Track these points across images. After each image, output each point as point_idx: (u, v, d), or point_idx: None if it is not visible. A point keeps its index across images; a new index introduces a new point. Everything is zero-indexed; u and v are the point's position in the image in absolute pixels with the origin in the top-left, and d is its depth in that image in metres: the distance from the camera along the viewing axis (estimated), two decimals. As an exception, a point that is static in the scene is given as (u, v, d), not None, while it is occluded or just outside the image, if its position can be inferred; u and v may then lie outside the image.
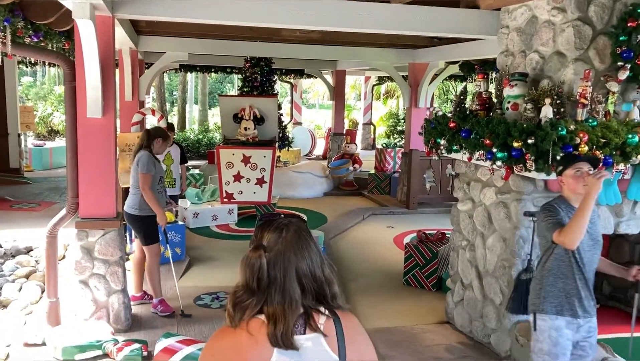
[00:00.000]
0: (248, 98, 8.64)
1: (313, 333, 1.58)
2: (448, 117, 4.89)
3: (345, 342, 1.60)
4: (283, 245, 1.60)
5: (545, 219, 3.18)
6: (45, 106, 22.36)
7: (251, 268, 1.58)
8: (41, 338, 4.46)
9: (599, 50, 4.24)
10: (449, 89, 21.01)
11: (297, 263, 1.59)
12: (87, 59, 4.33)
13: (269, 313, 1.55)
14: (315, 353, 1.56)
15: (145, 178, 5.08)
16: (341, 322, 1.62)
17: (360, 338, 1.66)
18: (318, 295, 1.62)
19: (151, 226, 5.26)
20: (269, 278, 1.57)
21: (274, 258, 1.58)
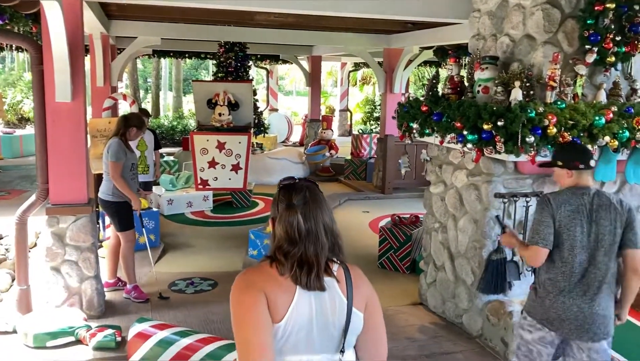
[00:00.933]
0: (222, 83, 8.56)
1: (328, 277, 1.83)
2: (420, 101, 4.92)
3: (352, 287, 1.85)
4: (311, 202, 1.85)
5: (535, 215, 3.06)
6: (15, 93, 21.84)
7: (290, 224, 1.81)
8: (12, 325, 4.40)
9: (567, 34, 4.31)
10: (424, 76, 21.10)
11: (323, 217, 1.85)
12: (54, 42, 4.24)
13: (304, 259, 1.79)
14: (329, 294, 1.82)
15: (115, 166, 5.03)
16: (349, 270, 1.88)
17: (364, 285, 1.91)
18: (332, 247, 1.87)
19: (125, 212, 5.22)
20: (306, 229, 1.81)
21: (306, 214, 1.83)
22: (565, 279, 2.95)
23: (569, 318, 2.94)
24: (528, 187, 4.48)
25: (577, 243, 2.91)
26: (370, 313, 1.88)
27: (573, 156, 3.08)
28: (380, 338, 1.91)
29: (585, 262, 2.92)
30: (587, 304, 2.92)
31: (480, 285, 4.48)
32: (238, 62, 10.85)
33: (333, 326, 1.82)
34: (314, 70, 14.60)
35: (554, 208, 2.94)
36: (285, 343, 1.78)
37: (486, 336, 4.53)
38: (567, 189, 3.03)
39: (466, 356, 4.38)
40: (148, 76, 28.91)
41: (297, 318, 1.77)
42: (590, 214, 2.93)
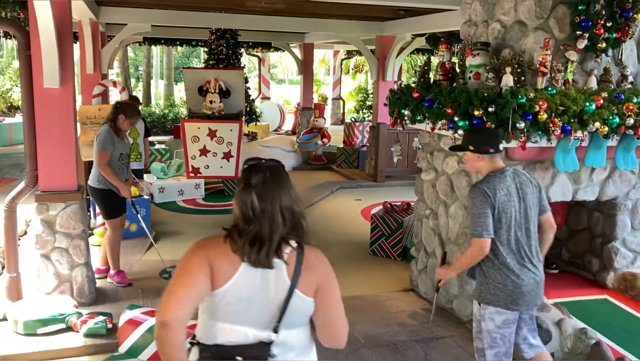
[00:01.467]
0: (213, 70, 8.47)
1: (278, 259, 1.87)
2: (412, 87, 4.91)
3: (301, 271, 1.88)
4: (269, 183, 1.88)
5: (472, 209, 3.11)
6: (4, 81, 21.61)
7: (245, 203, 1.87)
8: (2, 313, 4.38)
9: (558, 20, 4.30)
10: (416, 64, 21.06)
11: (281, 197, 1.88)
12: (42, 27, 4.19)
13: (257, 237, 1.85)
14: (274, 275, 1.87)
15: (101, 155, 4.99)
16: (304, 254, 1.91)
17: (319, 269, 1.93)
18: (293, 227, 1.90)
19: (111, 200, 5.20)
20: (261, 209, 1.86)
21: (262, 194, 1.87)
22: (514, 258, 3.09)
23: (529, 291, 3.11)
24: (519, 173, 4.49)
25: (513, 222, 3.08)
26: (322, 297, 1.92)
27: (484, 140, 3.20)
28: (334, 322, 1.96)
29: (523, 236, 3.11)
30: (537, 272, 3.15)
31: (471, 271, 4.49)
32: (229, 50, 10.75)
33: (275, 305, 1.88)
34: (307, 58, 14.53)
35: (491, 197, 3.05)
36: (223, 311, 1.88)
37: (476, 322, 4.55)
38: (492, 175, 3.14)
39: (456, 341, 4.40)
40: (139, 64, 28.70)
41: (236, 291, 1.85)
42: (518, 192, 3.12)
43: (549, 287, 4.93)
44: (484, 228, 3.02)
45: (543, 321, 3.98)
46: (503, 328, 3.16)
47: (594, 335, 3.92)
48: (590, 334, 3.90)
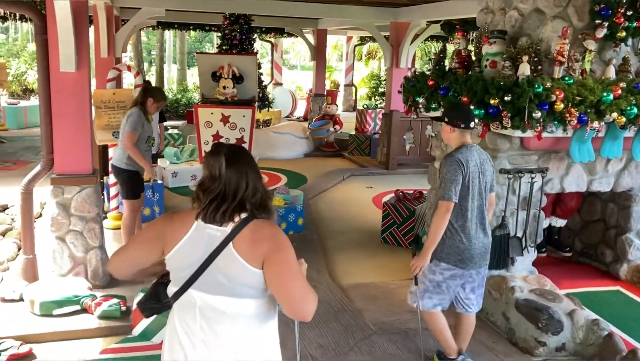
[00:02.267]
0: (227, 56, 8.46)
1: (226, 227, 1.96)
2: (427, 75, 4.89)
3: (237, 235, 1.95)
4: (236, 152, 2.05)
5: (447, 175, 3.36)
6: (19, 64, 21.74)
7: (214, 165, 2.00)
8: (18, 293, 4.45)
9: (577, 8, 4.24)
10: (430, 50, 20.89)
11: (246, 167, 2.02)
12: (58, 11, 4.20)
13: (219, 195, 1.97)
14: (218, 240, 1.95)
15: (130, 136, 5.10)
16: (250, 222, 1.97)
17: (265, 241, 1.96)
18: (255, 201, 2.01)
19: (135, 181, 5.34)
20: (227, 171, 1.99)
21: (229, 158, 2.01)
22: (471, 223, 3.44)
23: (478, 254, 3.49)
24: (533, 163, 4.47)
25: (475, 192, 3.42)
26: (269, 268, 1.95)
27: (457, 116, 3.48)
28: (289, 295, 1.97)
29: (480, 206, 3.46)
30: (485, 238, 3.52)
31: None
32: (243, 35, 10.76)
33: (221, 272, 1.95)
34: (320, 44, 14.47)
35: (464, 165, 3.35)
36: (174, 274, 2.03)
37: (487, 311, 4.56)
38: (463, 148, 3.44)
39: (467, 330, 4.41)
40: (152, 49, 28.70)
41: (184, 255, 1.98)
42: (480, 167, 3.44)
43: (561, 277, 4.94)
44: (454, 193, 3.33)
45: (555, 312, 3.98)
46: (450, 280, 3.53)
47: (606, 326, 3.91)
48: (602, 325, 3.89)
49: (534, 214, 4.58)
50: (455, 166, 3.33)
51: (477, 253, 3.47)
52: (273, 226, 2.04)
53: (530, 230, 4.58)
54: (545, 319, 3.95)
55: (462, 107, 3.72)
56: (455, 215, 3.39)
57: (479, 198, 3.43)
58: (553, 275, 4.71)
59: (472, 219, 3.42)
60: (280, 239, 2.00)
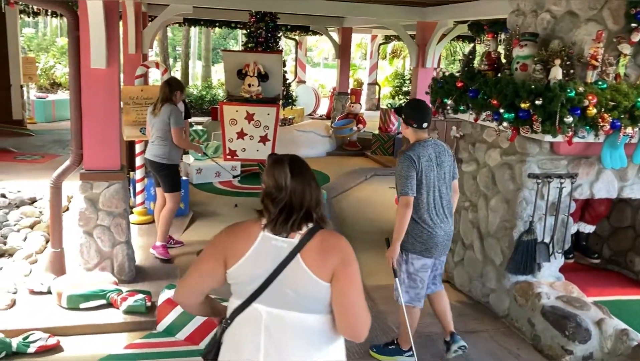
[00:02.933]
0: (252, 54, 8.49)
1: (293, 239, 1.91)
2: (456, 76, 4.84)
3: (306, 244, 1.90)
4: (298, 162, 2.02)
5: (401, 171, 3.62)
6: (48, 58, 22.11)
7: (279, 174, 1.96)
8: (46, 286, 4.52)
9: (612, 11, 4.16)
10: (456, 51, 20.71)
11: (309, 179, 1.99)
12: (90, 8, 4.26)
13: (288, 204, 1.93)
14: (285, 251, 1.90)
15: (180, 132, 5.36)
16: (317, 232, 1.93)
17: (335, 253, 1.91)
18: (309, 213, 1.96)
19: (177, 174, 5.62)
20: (292, 180, 1.95)
21: (293, 168, 1.98)
22: (430, 214, 3.66)
23: (441, 242, 3.71)
24: (563, 168, 4.40)
25: (431, 184, 3.63)
26: (338, 283, 1.89)
27: (411, 115, 3.70)
28: (353, 311, 1.90)
29: (438, 197, 3.67)
30: (447, 227, 3.73)
31: (510, 265, 4.45)
32: (268, 33, 10.75)
33: (288, 286, 1.89)
34: (344, 42, 14.41)
35: (416, 162, 3.59)
36: (238, 287, 1.98)
37: (512, 317, 4.51)
38: (417, 144, 3.68)
39: (492, 336, 4.37)
40: (177, 45, 28.94)
41: (250, 268, 1.92)
42: (437, 160, 3.65)
43: (589, 284, 4.86)
44: (410, 188, 3.57)
45: (583, 320, 3.92)
46: (421, 271, 3.74)
47: (636, 336, 3.83)
48: (631, 335, 3.82)
49: (562, 220, 4.50)
50: (408, 163, 3.59)
51: (440, 241, 3.70)
52: (340, 237, 1.99)
53: (557, 236, 4.51)
54: (572, 327, 3.89)
55: (418, 107, 3.79)
56: (415, 208, 3.64)
57: (436, 189, 3.65)
58: (580, 282, 4.63)
59: (428, 210, 3.65)
60: (349, 251, 1.95)
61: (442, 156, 3.68)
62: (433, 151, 3.65)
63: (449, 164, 3.73)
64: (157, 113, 5.38)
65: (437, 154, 3.66)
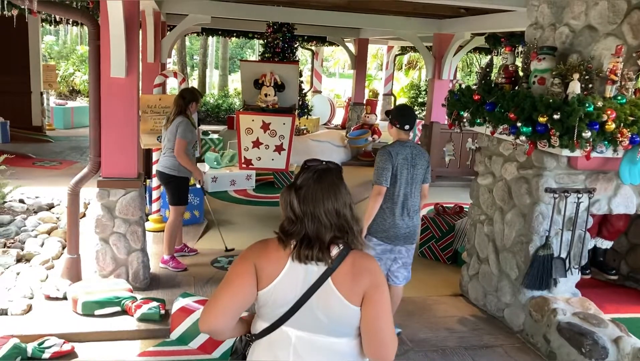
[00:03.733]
0: (269, 64, 8.55)
1: (323, 262, 1.84)
2: (472, 89, 4.82)
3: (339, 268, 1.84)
4: (312, 185, 1.87)
5: (379, 163, 4.01)
6: (67, 66, 22.44)
7: (285, 204, 1.89)
8: (62, 292, 4.56)
9: (632, 26, 4.12)
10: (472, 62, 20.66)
11: (323, 201, 1.85)
12: (111, 18, 4.32)
13: (306, 237, 1.84)
14: (315, 275, 1.84)
15: (181, 144, 5.30)
16: (347, 255, 1.86)
17: (367, 275, 1.85)
18: (342, 230, 1.87)
19: (183, 187, 5.55)
20: (302, 211, 1.85)
21: (303, 195, 1.86)
22: (397, 207, 4.02)
23: (402, 233, 4.06)
24: (580, 183, 4.36)
25: (403, 181, 4.00)
26: (369, 307, 1.84)
27: (396, 116, 4.10)
28: (382, 336, 1.85)
29: (408, 194, 4.05)
30: (411, 222, 4.09)
31: (525, 280, 4.41)
32: (285, 43, 10.83)
33: (319, 310, 1.84)
34: (360, 53, 14.46)
35: (393, 157, 3.97)
36: (267, 310, 1.89)
37: (528, 332, 4.46)
38: (397, 143, 4.07)
39: (506, 351, 4.32)
40: (195, 53, 29.20)
41: (280, 292, 1.85)
42: (411, 160, 4.02)
43: (606, 301, 4.79)
44: (384, 178, 3.96)
45: (600, 338, 3.86)
46: (382, 255, 4.07)
47: (654, 355, 3.77)
48: (649, 354, 3.75)
49: (579, 235, 4.45)
50: (386, 156, 3.97)
51: (401, 232, 4.05)
52: (371, 259, 1.93)
53: (574, 251, 4.46)
54: (589, 344, 3.84)
55: (403, 111, 4.22)
56: (385, 198, 4.01)
57: (407, 186, 4.01)
58: (597, 299, 4.57)
59: (398, 203, 4.01)
60: (379, 273, 1.89)
61: (417, 158, 4.04)
62: (410, 152, 4.03)
63: (423, 167, 4.07)
64: (169, 126, 5.44)
65: (413, 156, 4.03)
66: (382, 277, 1.89)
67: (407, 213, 4.06)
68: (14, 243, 5.63)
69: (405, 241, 4.11)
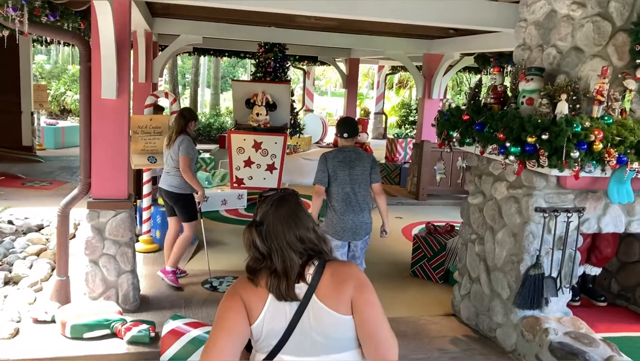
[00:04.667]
0: (261, 84, 8.61)
1: (302, 282, 1.84)
2: (462, 109, 4.86)
3: (319, 285, 1.82)
4: (272, 219, 1.86)
5: (317, 167, 4.64)
6: (59, 85, 22.44)
7: (248, 243, 1.88)
8: (50, 315, 4.51)
9: (617, 47, 4.19)
10: (462, 81, 20.86)
11: (285, 233, 1.85)
12: (103, 40, 4.34)
13: (274, 273, 1.83)
14: (299, 297, 1.83)
15: (186, 160, 5.37)
16: (323, 270, 1.85)
17: (347, 284, 1.83)
18: (314, 251, 1.88)
19: (193, 204, 5.63)
20: (267, 247, 1.84)
21: (265, 231, 1.86)
22: (340, 205, 4.56)
23: (349, 228, 4.58)
24: (570, 202, 4.38)
25: (341, 181, 4.56)
26: (360, 312, 1.82)
27: (338, 127, 4.77)
28: (380, 337, 1.82)
29: (350, 193, 4.57)
30: (357, 217, 4.58)
31: (517, 300, 4.41)
32: (277, 63, 10.90)
33: (313, 330, 1.81)
34: (352, 72, 14.58)
35: (327, 161, 4.60)
36: (262, 343, 1.86)
37: (520, 352, 4.45)
38: (335, 149, 4.72)
39: (499, 372, 4.31)
40: (187, 72, 29.31)
41: (269, 324, 1.83)
42: (349, 163, 4.59)
43: (597, 320, 4.79)
44: (319, 179, 4.61)
45: (591, 357, 3.85)
46: (336, 252, 4.42)
47: (646, 375, 3.77)
48: (641, 374, 3.75)
49: (570, 254, 4.47)
50: (322, 160, 4.63)
51: (347, 227, 4.55)
52: (349, 264, 1.93)
53: (565, 270, 4.47)
54: (581, 364, 3.83)
55: (341, 122, 4.88)
56: (328, 197, 4.63)
57: (346, 185, 4.56)
58: (588, 318, 4.57)
59: (339, 200, 4.56)
60: (360, 275, 1.87)
61: (356, 161, 4.61)
62: (348, 156, 4.61)
63: (363, 168, 4.62)
64: (172, 145, 5.48)
65: (352, 159, 4.60)
66: (364, 278, 1.87)
67: (352, 209, 4.54)
68: (2, 265, 5.58)
69: (353, 236, 4.59)
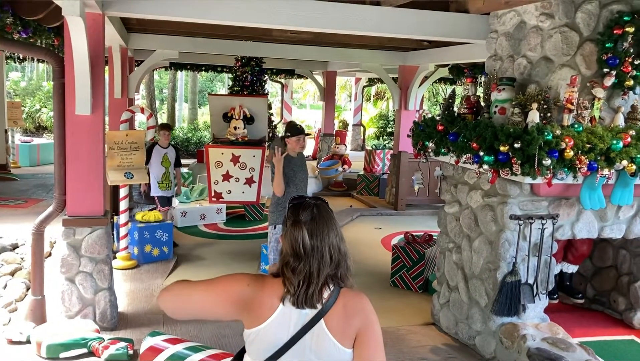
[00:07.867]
0: (238, 97, 8.60)
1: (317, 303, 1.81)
2: (436, 120, 4.93)
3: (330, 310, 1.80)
4: (318, 219, 1.84)
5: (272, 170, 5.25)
6: (34, 102, 22.15)
7: (296, 239, 1.83)
8: (25, 335, 4.43)
9: (585, 57, 4.30)
10: (438, 92, 21.11)
11: (329, 234, 1.84)
12: (76, 56, 4.31)
13: (307, 275, 1.80)
14: (307, 318, 1.81)
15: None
16: (337, 298, 1.83)
17: (357, 315, 1.82)
18: (337, 266, 1.85)
19: None
20: (311, 246, 1.81)
21: (312, 230, 1.83)
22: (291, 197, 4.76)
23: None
24: (544, 209, 4.46)
25: (292, 179, 5.26)
26: (361, 348, 1.80)
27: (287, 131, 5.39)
28: None
29: (299, 188, 5.28)
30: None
31: (495, 307, 4.45)
32: (254, 77, 10.91)
33: (312, 352, 1.80)
34: (329, 85, 14.66)
35: (285, 163, 5.18)
36: (255, 348, 1.85)
37: (499, 359, 4.48)
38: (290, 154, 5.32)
39: (479, 379, 4.33)
40: (164, 87, 29.17)
41: (270, 332, 1.81)
42: (300, 164, 5.35)
43: (574, 325, 4.86)
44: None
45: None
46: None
47: (621, 377, 3.83)
48: (617, 377, 3.81)
49: (545, 260, 4.54)
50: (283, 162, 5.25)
51: None
52: (362, 297, 1.89)
53: (541, 277, 4.53)
54: (558, 369, 3.87)
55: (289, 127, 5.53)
56: (287, 191, 5.22)
57: (298, 183, 5.29)
58: (565, 323, 4.64)
59: (292, 194, 5.05)
60: (370, 311, 1.86)
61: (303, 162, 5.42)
62: (299, 159, 5.37)
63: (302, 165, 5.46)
64: None
65: (304, 161, 5.41)
66: (373, 315, 1.86)
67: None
68: (-24, 286, 5.46)
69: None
